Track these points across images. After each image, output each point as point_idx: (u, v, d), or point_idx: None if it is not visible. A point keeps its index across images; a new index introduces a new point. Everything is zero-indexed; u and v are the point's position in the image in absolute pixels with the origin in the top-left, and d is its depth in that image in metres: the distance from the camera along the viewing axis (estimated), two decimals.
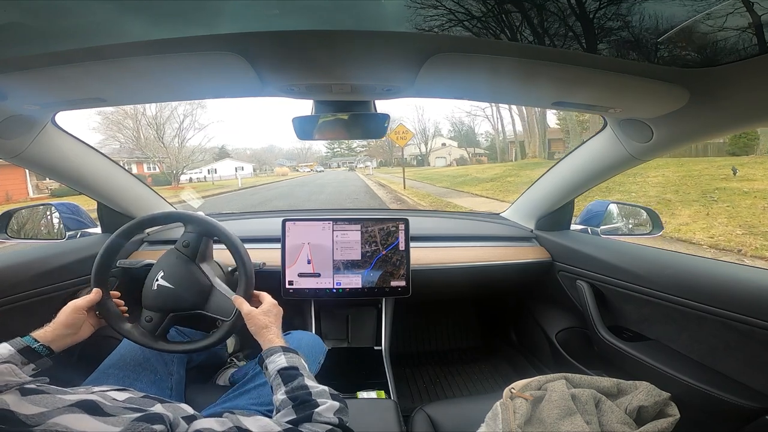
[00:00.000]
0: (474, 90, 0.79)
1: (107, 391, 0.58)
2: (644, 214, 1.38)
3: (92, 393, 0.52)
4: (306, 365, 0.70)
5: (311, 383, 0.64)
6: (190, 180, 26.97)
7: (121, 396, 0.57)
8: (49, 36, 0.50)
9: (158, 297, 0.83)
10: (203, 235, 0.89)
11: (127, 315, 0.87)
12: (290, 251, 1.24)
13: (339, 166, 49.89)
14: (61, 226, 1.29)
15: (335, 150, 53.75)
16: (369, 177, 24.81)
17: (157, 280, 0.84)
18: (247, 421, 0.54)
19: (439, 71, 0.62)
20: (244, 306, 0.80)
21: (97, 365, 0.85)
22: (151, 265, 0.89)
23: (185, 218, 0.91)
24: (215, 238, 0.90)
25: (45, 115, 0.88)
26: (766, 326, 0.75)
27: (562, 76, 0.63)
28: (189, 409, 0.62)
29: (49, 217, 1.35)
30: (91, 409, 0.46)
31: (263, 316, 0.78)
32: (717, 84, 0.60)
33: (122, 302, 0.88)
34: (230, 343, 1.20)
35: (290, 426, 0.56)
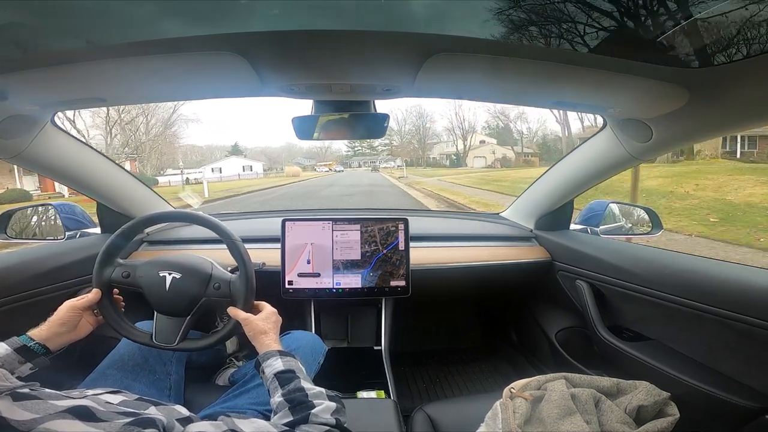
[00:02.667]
0: (474, 90, 0.79)
1: (101, 394, 0.58)
2: (644, 214, 1.39)
3: (85, 397, 0.52)
4: (303, 368, 0.71)
5: (308, 385, 0.64)
6: (187, 181, 22.45)
7: (115, 399, 0.57)
8: (48, 36, 0.50)
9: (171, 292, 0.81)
10: (237, 295, 0.82)
11: (122, 311, 0.86)
12: (290, 251, 1.24)
13: (360, 166, 45.80)
14: (61, 226, 1.29)
15: (356, 149, 49.19)
16: (403, 181, 17.95)
17: (172, 275, 0.81)
18: (242, 424, 0.54)
19: (438, 71, 0.62)
20: (240, 314, 0.79)
21: (97, 365, 0.85)
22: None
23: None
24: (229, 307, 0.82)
25: (44, 115, 0.88)
26: (765, 326, 0.75)
27: (562, 76, 0.63)
28: (184, 411, 0.61)
29: (48, 217, 1.35)
30: (84, 414, 0.45)
31: (262, 322, 0.78)
32: (716, 84, 0.60)
33: (123, 303, 0.88)
34: (229, 344, 1.20)
35: (287, 428, 0.56)
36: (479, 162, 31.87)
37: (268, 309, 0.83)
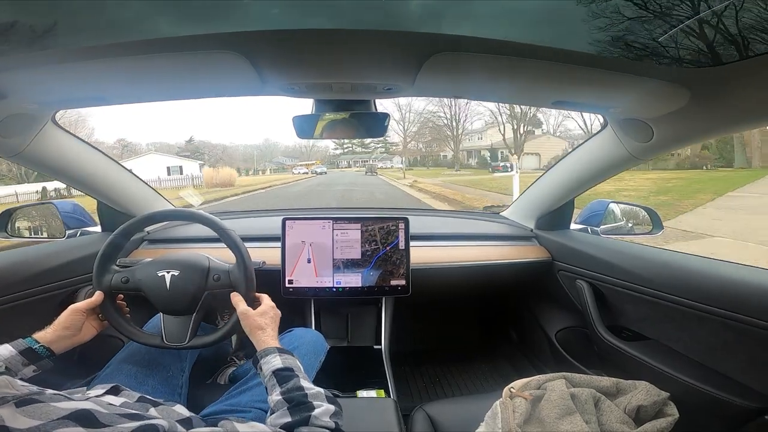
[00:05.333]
0: (474, 89, 0.79)
1: (102, 395, 0.58)
2: (644, 214, 1.38)
3: (87, 399, 0.52)
4: (302, 366, 0.70)
5: (307, 384, 0.64)
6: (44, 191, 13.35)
7: (117, 400, 0.57)
8: (48, 35, 0.50)
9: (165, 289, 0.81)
10: (238, 283, 0.82)
11: (128, 316, 0.86)
12: (290, 250, 1.24)
13: (349, 166, 39.19)
14: (62, 224, 1.29)
15: (345, 146, 41.92)
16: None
17: (170, 273, 0.82)
18: (242, 428, 0.54)
19: (439, 71, 0.62)
20: (241, 305, 0.79)
21: (98, 364, 0.85)
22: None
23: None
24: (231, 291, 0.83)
25: (45, 114, 0.88)
26: (765, 326, 0.75)
27: (562, 75, 0.63)
28: (185, 412, 0.61)
29: (49, 215, 1.35)
30: (85, 419, 0.45)
31: (259, 317, 0.78)
32: (718, 83, 0.60)
33: (125, 303, 0.88)
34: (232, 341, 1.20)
35: (285, 431, 0.55)
36: (530, 161, 21.65)
37: (266, 303, 0.82)
